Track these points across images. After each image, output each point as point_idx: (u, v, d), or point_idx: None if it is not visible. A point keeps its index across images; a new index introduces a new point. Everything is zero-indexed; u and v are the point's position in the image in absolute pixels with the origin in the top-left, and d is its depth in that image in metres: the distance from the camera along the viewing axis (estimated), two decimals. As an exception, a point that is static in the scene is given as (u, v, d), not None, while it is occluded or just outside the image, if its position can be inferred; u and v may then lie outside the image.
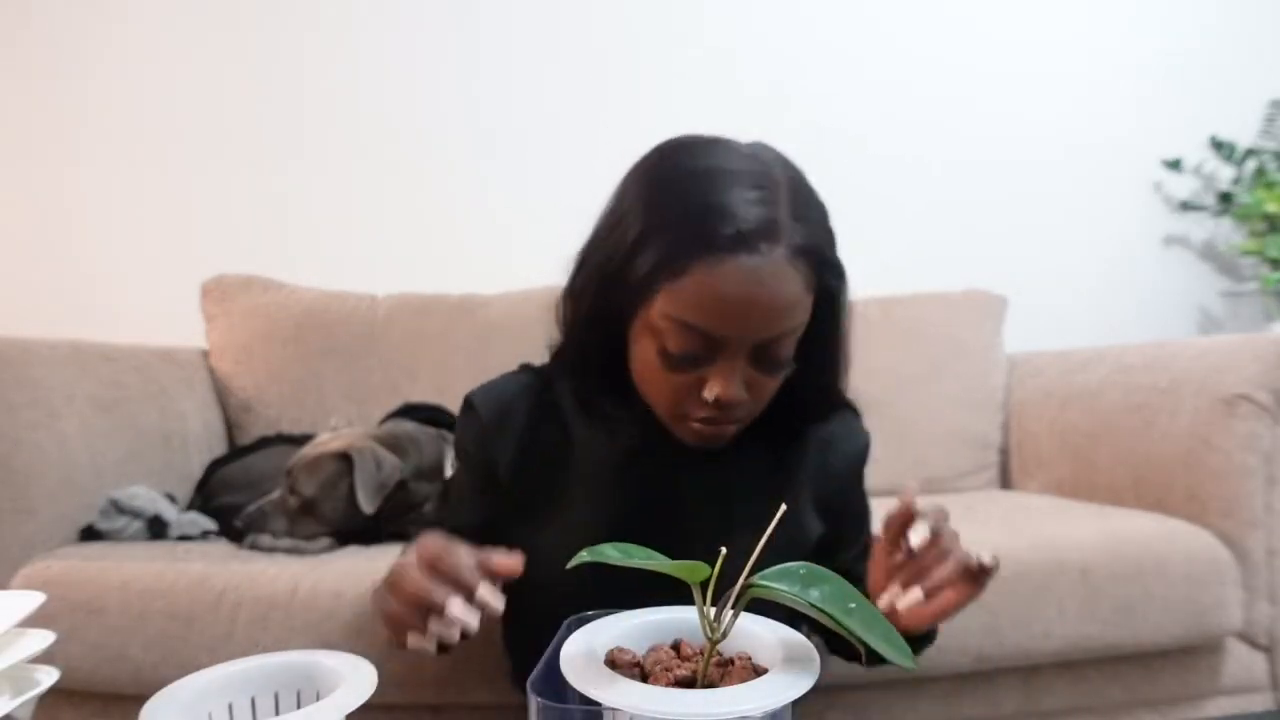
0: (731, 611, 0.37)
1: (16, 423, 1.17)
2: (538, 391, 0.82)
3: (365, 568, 1.10)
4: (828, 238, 0.70)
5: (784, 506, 0.42)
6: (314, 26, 1.94)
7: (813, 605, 0.36)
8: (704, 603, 0.37)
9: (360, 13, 1.94)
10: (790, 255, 0.66)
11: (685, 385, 0.69)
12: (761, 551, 0.38)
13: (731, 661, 0.38)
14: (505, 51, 1.97)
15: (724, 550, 0.37)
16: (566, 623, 0.42)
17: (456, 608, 0.54)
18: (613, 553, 0.36)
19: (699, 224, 0.65)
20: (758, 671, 0.37)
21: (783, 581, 0.37)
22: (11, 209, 1.90)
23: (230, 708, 0.39)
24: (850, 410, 0.86)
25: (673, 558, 0.37)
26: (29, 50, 1.89)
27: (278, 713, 0.40)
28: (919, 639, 0.76)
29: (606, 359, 0.75)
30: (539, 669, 0.37)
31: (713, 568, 0.36)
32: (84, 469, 1.25)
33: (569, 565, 0.37)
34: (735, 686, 0.35)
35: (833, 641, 0.83)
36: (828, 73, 2.04)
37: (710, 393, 0.67)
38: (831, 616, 0.35)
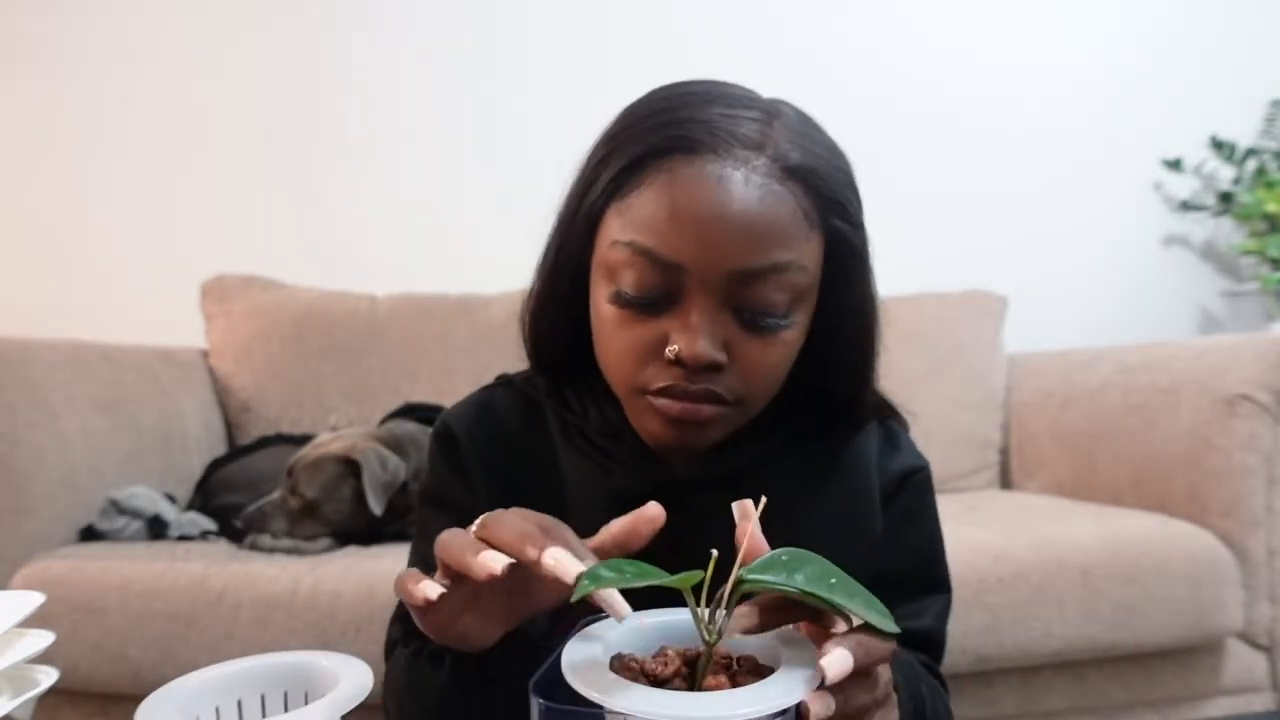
0: (725, 612, 0.37)
1: (16, 423, 1.17)
2: (523, 411, 0.64)
3: (365, 568, 1.11)
4: (841, 179, 0.55)
5: (764, 499, 0.41)
6: (314, 26, 1.94)
7: (800, 590, 0.36)
8: (697, 605, 0.37)
9: (361, 12, 1.94)
10: (776, 170, 0.51)
11: (645, 344, 0.51)
12: (742, 561, 0.38)
13: (734, 662, 0.38)
14: (507, 51, 1.97)
15: (715, 552, 0.37)
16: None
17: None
18: (608, 574, 0.36)
19: (659, 130, 0.52)
20: (762, 673, 0.37)
21: (768, 571, 0.37)
22: (11, 209, 1.89)
23: (228, 707, 0.39)
24: (885, 418, 0.65)
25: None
26: (29, 51, 1.89)
27: (278, 713, 0.40)
28: None
29: (572, 357, 0.60)
30: (542, 672, 0.37)
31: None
32: (84, 469, 1.25)
33: (573, 599, 0.35)
34: (739, 688, 0.35)
35: None
36: (827, 74, 2.04)
37: (671, 348, 0.50)
38: (817, 596, 0.36)
